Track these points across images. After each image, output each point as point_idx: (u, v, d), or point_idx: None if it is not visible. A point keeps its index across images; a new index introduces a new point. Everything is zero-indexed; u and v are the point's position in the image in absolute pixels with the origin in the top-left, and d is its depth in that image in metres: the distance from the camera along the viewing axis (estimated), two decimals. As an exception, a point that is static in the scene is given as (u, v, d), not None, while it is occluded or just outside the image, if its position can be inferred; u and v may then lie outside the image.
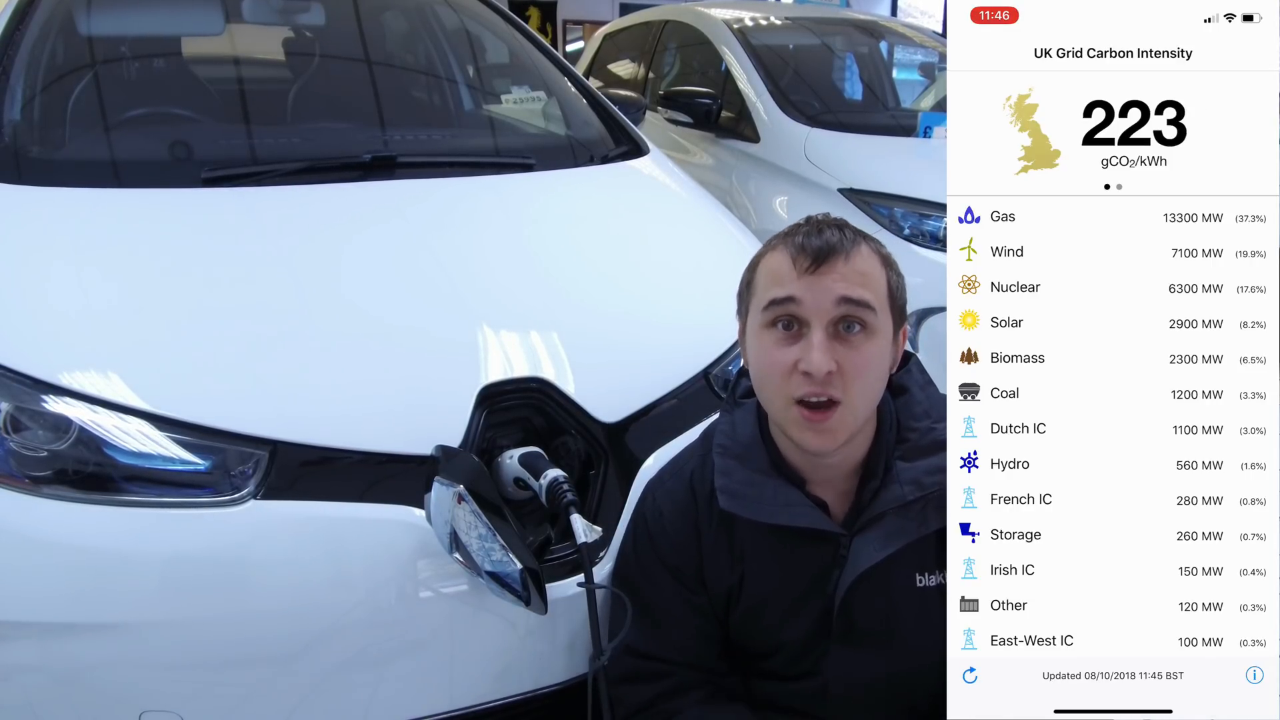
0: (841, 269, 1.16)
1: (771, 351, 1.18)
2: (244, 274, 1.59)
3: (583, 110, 2.51)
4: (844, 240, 1.18)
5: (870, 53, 4.42)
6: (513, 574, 1.26)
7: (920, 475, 1.22)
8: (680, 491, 1.33)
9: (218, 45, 2.51)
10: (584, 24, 11.35)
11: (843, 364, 1.15)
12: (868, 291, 1.17)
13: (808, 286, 1.16)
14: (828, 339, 1.15)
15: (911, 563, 1.24)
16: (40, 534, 1.28)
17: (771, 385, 1.20)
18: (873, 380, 1.19)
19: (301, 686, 1.34)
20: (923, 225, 2.97)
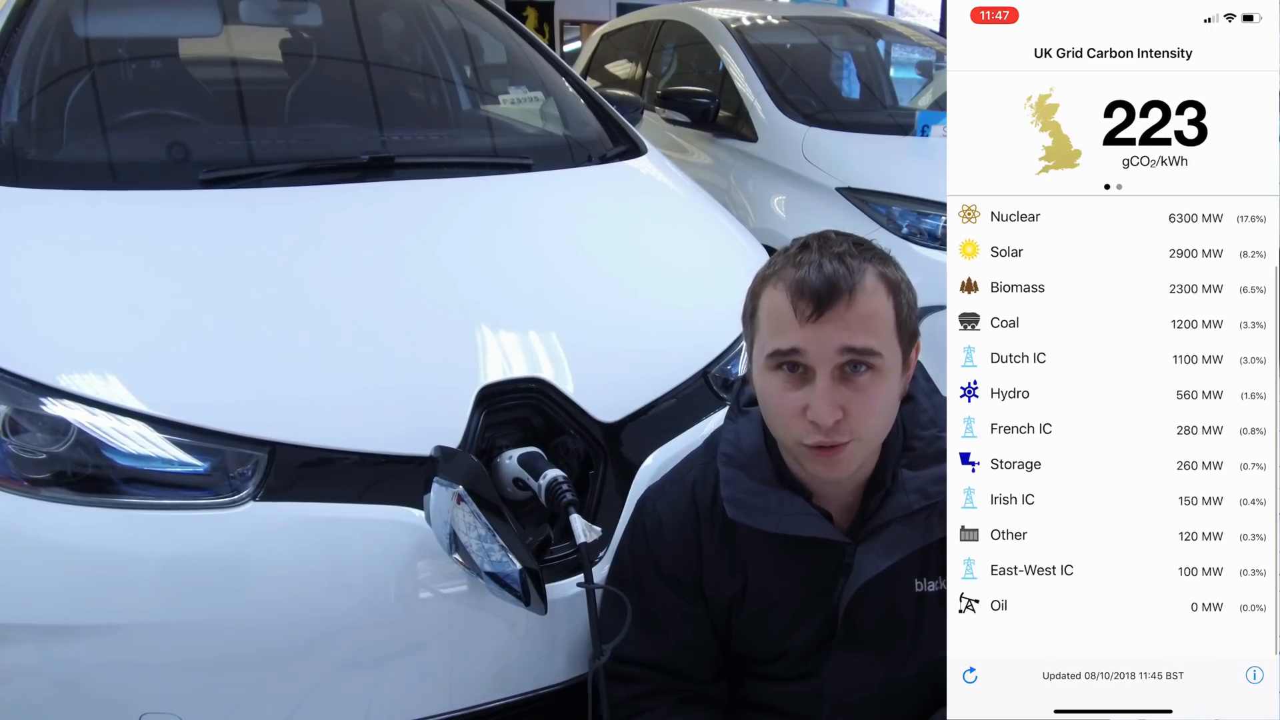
0: (844, 315, 1.11)
1: (779, 394, 1.16)
2: (242, 275, 1.59)
3: (580, 110, 2.51)
4: (848, 275, 1.12)
5: (868, 51, 4.42)
6: (512, 574, 1.26)
7: (926, 484, 1.21)
8: (681, 500, 1.32)
9: (215, 46, 2.50)
10: (581, 24, 11.34)
11: (849, 407, 1.13)
12: (872, 338, 1.13)
13: (810, 337, 1.12)
14: (833, 384, 1.13)
15: (912, 569, 1.24)
16: (39, 536, 1.28)
17: (780, 423, 1.18)
18: (883, 415, 1.18)
19: (301, 688, 1.34)
20: (921, 224, 2.97)
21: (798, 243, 1.20)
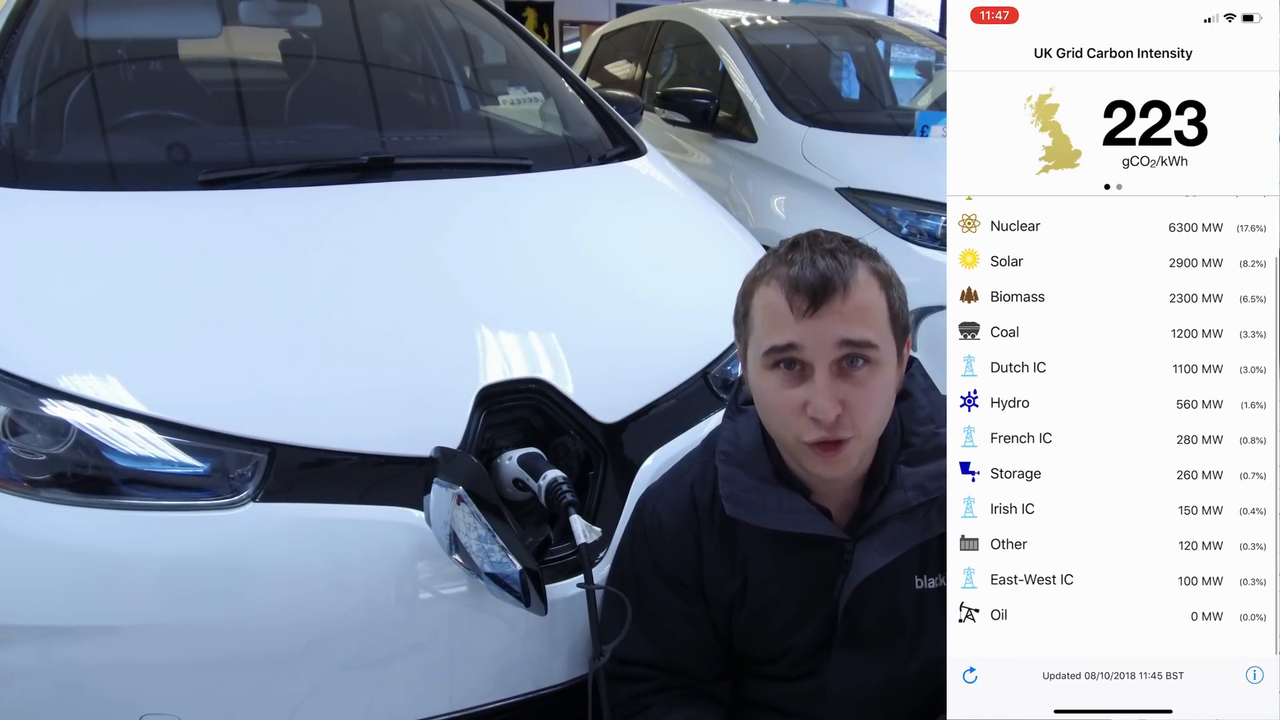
0: (840, 308, 1.12)
1: (778, 392, 1.16)
2: (242, 276, 1.59)
3: (580, 111, 2.51)
4: (841, 270, 1.13)
5: (867, 52, 4.42)
6: (512, 575, 1.26)
7: (924, 480, 1.22)
8: (680, 500, 1.32)
9: (214, 47, 2.50)
10: (581, 24, 11.34)
11: (849, 401, 1.13)
12: (869, 329, 1.14)
13: (807, 331, 1.13)
14: (832, 379, 1.13)
15: (912, 566, 1.24)
16: (39, 537, 1.28)
17: (780, 422, 1.18)
18: (881, 408, 1.18)
19: (301, 689, 1.34)
20: (921, 224, 2.97)
21: (786, 243, 1.20)
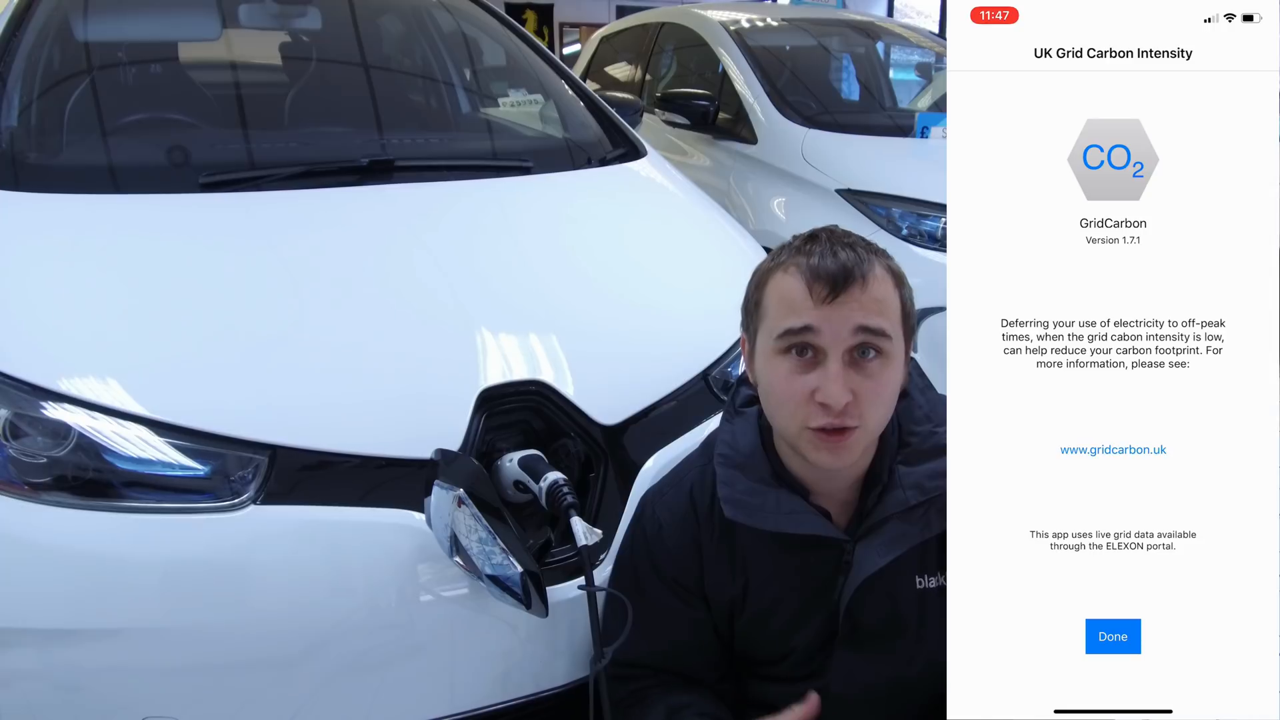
0: (859, 297, 1.13)
1: (787, 378, 1.16)
2: (242, 278, 1.59)
3: (580, 113, 2.51)
4: (860, 262, 1.15)
5: (867, 53, 4.42)
6: (513, 577, 1.26)
7: (922, 479, 1.22)
8: (680, 503, 1.32)
9: (214, 50, 2.50)
10: (580, 26, 11.36)
11: (860, 392, 1.14)
12: (885, 320, 1.15)
13: (826, 316, 1.13)
14: (844, 368, 1.14)
15: (912, 565, 1.24)
16: (40, 540, 1.27)
17: (786, 411, 1.18)
18: (888, 402, 1.19)
19: (302, 691, 1.34)
20: (921, 225, 2.97)
21: (803, 235, 1.21)
